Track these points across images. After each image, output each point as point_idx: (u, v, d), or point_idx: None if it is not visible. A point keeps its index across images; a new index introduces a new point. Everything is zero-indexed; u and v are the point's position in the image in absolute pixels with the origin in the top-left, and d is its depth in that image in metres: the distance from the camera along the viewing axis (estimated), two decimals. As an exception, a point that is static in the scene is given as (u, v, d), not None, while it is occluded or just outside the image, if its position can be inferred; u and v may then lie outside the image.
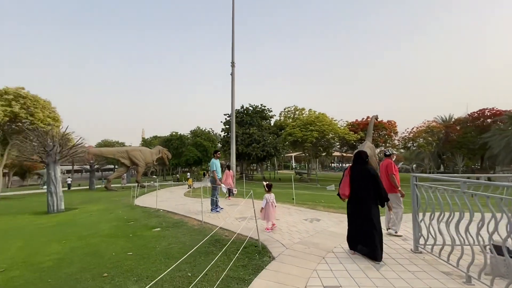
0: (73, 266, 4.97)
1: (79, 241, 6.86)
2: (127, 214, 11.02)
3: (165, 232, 7.26)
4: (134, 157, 31.68)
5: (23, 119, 23.35)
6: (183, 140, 52.42)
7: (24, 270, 4.95)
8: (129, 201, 16.37)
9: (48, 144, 13.81)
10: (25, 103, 23.40)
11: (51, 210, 13.16)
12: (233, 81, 17.56)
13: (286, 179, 41.43)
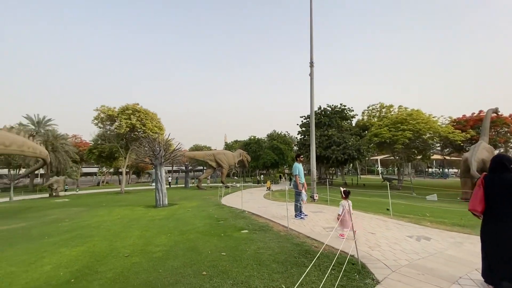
0: (178, 260, 5.48)
1: (180, 236, 7.69)
2: (217, 213, 11.89)
3: (253, 235, 7.34)
4: (219, 160, 34.84)
5: (138, 129, 28.93)
6: (261, 144, 54.47)
7: (142, 258, 5.78)
8: (217, 200, 17.83)
9: (156, 149, 16.49)
10: (139, 116, 28.98)
11: (158, 205, 15.59)
12: (312, 81, 16.89)
13: (371, 185, 37.37)
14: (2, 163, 39.87)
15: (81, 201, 21.94)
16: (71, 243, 7.40)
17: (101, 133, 34.01)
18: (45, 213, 14.72)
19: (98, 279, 4.64)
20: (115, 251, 6.40)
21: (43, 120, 43.98)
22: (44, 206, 18.48)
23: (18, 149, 12.45)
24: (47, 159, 15.72)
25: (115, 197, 24.44)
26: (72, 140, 47.82)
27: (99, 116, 28.99)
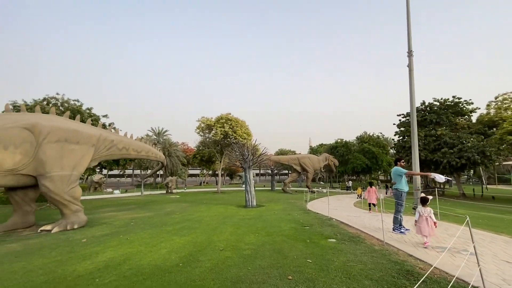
0: (265, 260, 5.71)
1: (267, 237, 7.99)
2: (302, 218, 11.75)
3: (342, 246, 6.86)
4: (304, 164, 34.49)
5: (230, 136, 32.15)
6: (349, 147, 50.61)
7: (233, 253, 6.32)
8: (302, 205, 17.64)
9: (244, 153, 17.87)
10: (231, 124, 32.20)
11: (247, 205, 16.76)
12: (412, 73, 14.51)
13: (504, 198, 28.68)
14: (136, 165, 52.00)
15: (188, 198, 26.09)
16: (180, 232, 8.86)
17: (202, 140, 39.59)
18: (163, 206, 18.24)
19: (199, 267, 5.35)
20: (212, 244, 7.25)
21: (162, 131, 55.18)
22: (162, 201, 22.95)
23: (145, 154, 16.04)
24: (164, 162, 19.53)
25: (213, 196, 27.81)
26: (181, 147, 57.68)
27: (200, 126, 33.95)
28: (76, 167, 10.67)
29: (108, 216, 13.53)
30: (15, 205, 10.69)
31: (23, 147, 9.33)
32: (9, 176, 9.25)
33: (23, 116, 10.10)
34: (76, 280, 4.80)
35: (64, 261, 5.97)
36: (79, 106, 27.33)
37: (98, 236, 8.73)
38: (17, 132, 9.28)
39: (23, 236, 9.07)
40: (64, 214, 10.35)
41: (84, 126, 11.77)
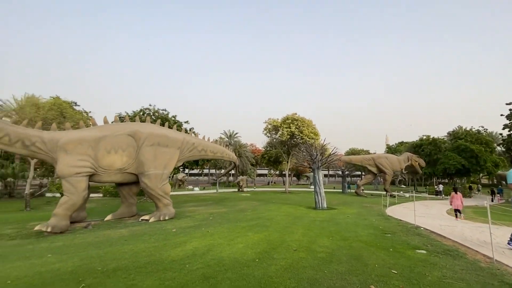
0: (342, 265, 5.41)
1: (342, 241, 7.57)
2: (382, 224, 10.66)
3: (435, 259, 5.91)
4: (380, 164, 31.21)
5: (297, 136, 31.87)
6: (438, 145, 43.16)
7: (307, 254, 6.22)
8: (380, 210, 16.01)
9: (313, 154, 17.41)
10: (297, 124, 31.90)
11: (317, 207, 16.25)
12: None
13: None
14: (211, 165, 57.09)
15: (257, 196, 27.10)
16: (254, 229, 9.27)
17: (269, 141, 40.56)
18: (236, 203, 19.45)
19: (274, 264, 5.47)
20: (285, 243, 7.31)
21: (233, 134, 59.16)
22: (235, 198, 24.48)
23: (220, 155, 17.50)
24: (236, 163, 20.84)
25: (281, 196, 28.09)
26: (250, 148, 60.51)
27: (267, 127, 34.84)
28: (166, 167, 12.44)
29: (190, 210, 15.26)
30: (122, 197, 13.17)
31: (128, 150, 11.45)
32: (119, 174, 11.47)
33: (127, 125, 12.39)
34: (171, 264, 5.57)
35: (161, 247, 7.02)
36: (166, 114, 32.01)
37: (184, 227, 9.94)
38: (123, 138, 11.45)
39: (128, 224, 11.10)
40: (158, 207, 12.19)
41: (171, 132, 13.63)
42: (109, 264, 5.64)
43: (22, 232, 9.75)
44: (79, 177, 10.10)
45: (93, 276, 5.01)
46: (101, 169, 10.80)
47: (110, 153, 10.93)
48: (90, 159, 10.44)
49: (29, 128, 10.38)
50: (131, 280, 4.75)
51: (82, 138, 10.50)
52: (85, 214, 11.78)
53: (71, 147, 10.20)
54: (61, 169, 9.93)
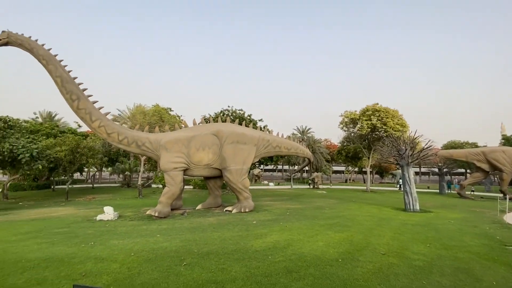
0: (445, 278, 4.61)
1: (444, 250, 6.42)
2: (499, 234, 8.53)
3: None
4: (494, 160, 24.88)
5: (379, 129, 28.70)
6: None
7: (399, 261, 5.55)
8: (496, 216, 12.83)
9: (401, 148, 15.35)
10: (379, 115, 28.69)
11: (407, 208, 14.27)
12: None
13: None
14: (285, 161, 57.76)
15: (334, 194, 25.86)
16: (334, 228, 8.89)
17: (346, 136, 38.03)
18: (311, 200, 19.08)
19: (360, 267, 5.12)
20: (371, 246, 6.73)
21: (305, 129, 58.21)
22: (310, 195, 24.05)
23: (294, 151, 17.51)
24: (311, 159, 20.41)
25: (362, 195, 25.94)
26: (325, 143, 58.24)
27: (343, 121, 32.67)
28: (245, 162, 13.27)
29: (267, 205, 15.84)
30: (209, 189, 14.76)
31: (213, 148, 12.74)
32: (206, 169, 12.91)
33: (211, 125, 13.79)
34: (255, 254, 5.93)
35: (244, 237, 7.56)
36: (242, 113, 34.15)
37: (263, 220, 10.40)
38: (209, 137, 12.81)
39: (215, 213, 12.36)
40: (239, 200, 13.16)
41: (248, 130, 14.44)
42: (203, 248, 6.44)
43: (138, 215, 12.17)
44: (176, 171, 11.88)
45: (191, 256, 5.82)
46: (193, 164, 12.40)
47: (199, 150, 12.42)
48: (184, 156, 12.13)
49: (140, 132, 12.85)
50: (221, 264, 5.29)
51: (178, 138, 12.29)
52: (181, 202, 13.79)
53: (170, 146, 12.09)
54: (163, 164, 11.91)
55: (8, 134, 15.79)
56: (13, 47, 11.52)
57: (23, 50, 11.50)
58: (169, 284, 4.37)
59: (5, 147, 15.13)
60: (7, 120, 16.03)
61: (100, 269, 5.06)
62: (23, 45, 11.26)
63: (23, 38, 11.29)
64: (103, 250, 6.34)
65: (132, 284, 4.36)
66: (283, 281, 4.48)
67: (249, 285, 4.36)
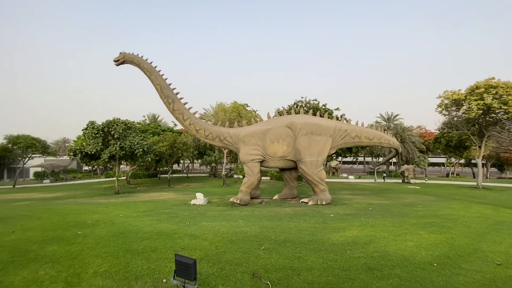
0: None
1: None
2: None
3: None
4: None
5: (496, 109, 22.62)
6: None
7: (524, 275, 4.38)
8: None
9: (530, 133, 11.77)
10: (496, 93, 22.55)
11: (542, 212, 10.91)
12: None
13: None
14: (367, 152, 52.76)
15: (431, 190, 22.13)
16: (428, 228, 7.69)
17: (446, 121, 31.67)
18: (400, 196, 16.91)
19: (463, 275, 4.30)
20: (480, 253, 5.52)
21: (392, 116, 51.37)
22: (398, 190, 21.33)
23: (377, 141, 15.78)
24: (398, 149, 17.98)
25: (470, 192, 21.29)
26: (417, 131, 50.05)
27: (442, 103, 27.19)
28: (320, 154, 12.88)
29: (346, 198, 14.97)
30: (285, 181, 15.03)
31: (287, 140, 12.87)
32: (281, 160, 13.18)
33: (285, 117, 13.91)
34: (332, 247, 5.78)
35: (321, 229, 7.44)
36: (317, 104, 32.95)
37: (342, 214, 9.92)
38: (283, 130, 12.98)
39: (291, 204, 12.54)
40: (315, 192, 12.93)
41: (323, 120, 13.90)
42: (280, 236, 6.70)
43: (223, 202, 13.58)
44: (254, 163, 12.63)
45: (269, 242, 6.15)
46: (268, 156, 12.89)
47: (273, 143, 12.79)
48: (260, 148, 12.74)
49: (221, 127, 14.17)
50: (297, 253, 5.40)
51: (254, 131, 12.98)
52: (259, 192, 14.60)
53: (247, 139, 12.91)
54: (242, 156, 12.86)
55: (128, 134, 20.08)
56: (126, 64, 14.51)
57: (133, 66, 14.32)
58: (250, 265, 4.77)
59: (126, 144, 19.30)
60: (126, 123, 20.37)
61: (194, 245, 5.97)
62: (133, 62, 13.97)
63: (133, 56, 14.00)
64: (196, 229, 7.42)
65: (219, 261, 4.98)
66: (363, 278, 4.22)
67: (325, 276, 4.31)
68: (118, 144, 18.90)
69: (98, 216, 9.83)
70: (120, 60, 13.93)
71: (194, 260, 3.28)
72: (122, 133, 19.27)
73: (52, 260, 5.09)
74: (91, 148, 18.95)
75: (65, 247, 5.88)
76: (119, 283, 4.09)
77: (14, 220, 9.09)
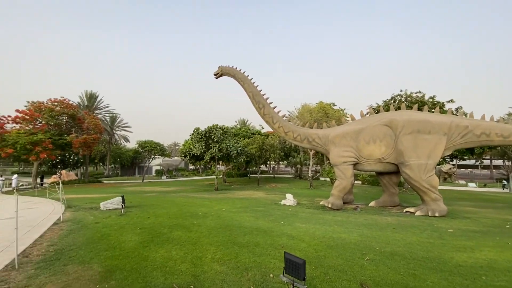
0: None
1: None
2: None
3: None
4: None
5: None
6: None
7: None
8: None
9: None
10: None
11: None
12: None
13: None
14: (497, 154, 41.10)
15: None
16: None
17: None
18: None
19: None
20: None
21: None
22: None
23: (515, 139, 12.05)
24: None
25: None
26: None
27: None
28: (431, 156, 10.89)
29: (468, 211, 12.15)
30: (383, 186, 13.44)
31: (385, 140, 11.51)
32: (378, 163, 11.87)
33: (382, 115, 12.48)
34: (458, 269, 4.79)
35: (438, 245, 6.28)
36: (421, 97, 27.93)
37: (465, 230, 8.10)
38: (380, 129, 11.69)
39: (393, 213, 11.12)
40: (424, 201, 11.03)
41: (433, 116, 11.72)
42: (385, 247, 6.04)
43: (313, 204, 13.38)
44: (346, 165, 11.88)
45: (373, 253, 5.64)
46: (363, 159, 11.88)
47: (369, 143, 11.70)
48: (353, 149, 11.90)
49: (309, 128, 14.03)
50: (411, 269, 4.73)
51: (345, 132, 12.25)
52: (352, 197, 13.64)
53: (337, 140, 12.31)
54: (332, 158, 12.33)
55: (224, 138, 22.55)
56: (224, 76, 16.30)
57: (229, 77, 15.96)
58: (355, 274, 4.51)
59: (223, 147, 21.70)
60: (223, 128, 22.93)
61: (292, 245, 6.11)
62: (229, 73, 15.57)
63: (229, 69, 15.62)
64: (292, 230, 7.58)
65: (321, 265, 4.91)
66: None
67: (455, 304, 3.60)
68: (217, 147, 21.48)
69: (205, 209, 11.42)
70: (219, 74, 15.80)
71: (303, 260, 3.35)
72: (220, 137, 21.80)
73: (179, 243, 6.24)
74: (197, 150, 22.26)
75: (187, 233, 7.10)
76: (233, 271, 4.61)
77: (147, 208, 11.61)
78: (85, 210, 10.79)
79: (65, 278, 4.29)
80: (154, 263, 4.97)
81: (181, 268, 4.76)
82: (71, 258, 5.19)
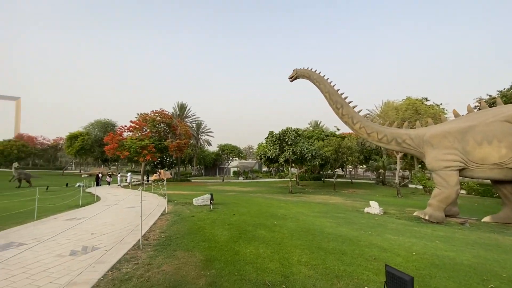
0: None
1: None
2: None
3: None
4: None
5: None
6: None
7: None
8: None
9: None
10: None
11: None
12: None
13: None
14: None
15: None
16: None
17: None
18: None
19: None
20: None
21: None
22: None
23: None
24: None
25: None
26: None
27: None
28: None
29: None
30: (504, 198, 10.72)
31: (507, 140, 9.18)
32: (496, 169, 9.54)
33: (500, 109, 10.03)
34: None
35: None
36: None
37: None
38: (498, 126, 9.40)
39: (521, 232, 8.72)
40: None
41: None
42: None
43: (403, 215, 11.81)
44: (449, 171, 10.02)
45: (499, 280, 4.55)
46: (472, 163, 9.79)
47: (481, 145, 9.57)
48: (458, 152, 9.96)
49: (398, 128, 12.48)
50: None
51: (446, 131, 10.37)
52: (457, 209, 11.39)
53: (436, 141, 10.53)
54: (430, 162, 10.60)
55: (298, 140, 22.43)
56: (299, 78, 16.25)
57: (303, 79, 15.80)
58: (475, 303, 3.72)
59: (297, 149, 21.59)
60: (297, 130, 22.84)
61: (386, 258, 5.52)
62: (304, 75, 15.43)
63: (303, 71, 15.49)
64: (382, 241, 6.86)
65: (427, 285, 4.26)
66: None
67: None
68: (291, 150, 21.55)
69: (283, 211, 11.57)
70: (294, 76, 15.87)
71: (411, 277, 2.98)
72: (293, 140, 21.81)
73: (264, 242, 6.51)
74: (271, 153, 22.88)
75: (270, 233, 7.34)
76: (322, 277, 4.49)
77: (231, 206, 12.56)
78: (182, 205, 12.53)
79: (176, 261, 5.06)
80: (245, 259, 5.31)
81: (270, 266, 4.94)
82: (178, 245, 6.09)
